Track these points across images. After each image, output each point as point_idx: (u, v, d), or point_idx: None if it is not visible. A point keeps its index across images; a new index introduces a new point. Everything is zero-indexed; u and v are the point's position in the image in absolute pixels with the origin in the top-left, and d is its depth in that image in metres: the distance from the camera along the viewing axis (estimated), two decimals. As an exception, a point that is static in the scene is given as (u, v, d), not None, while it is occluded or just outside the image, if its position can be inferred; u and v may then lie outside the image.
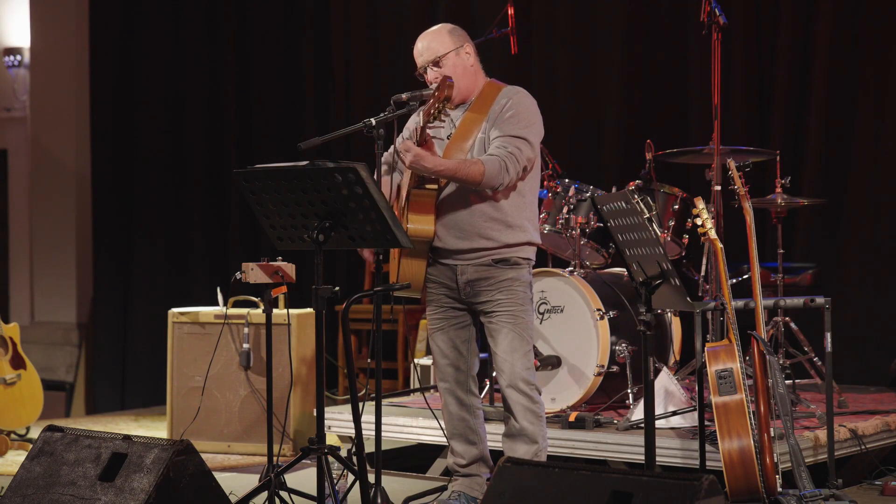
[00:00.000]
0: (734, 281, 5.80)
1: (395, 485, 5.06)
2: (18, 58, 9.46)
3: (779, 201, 5.68)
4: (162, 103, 8.97)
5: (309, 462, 4.35)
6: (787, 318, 5.69)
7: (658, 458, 4.44)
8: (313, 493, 4.05)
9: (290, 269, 4.74)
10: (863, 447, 5.06)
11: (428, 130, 4.29)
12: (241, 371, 6.06)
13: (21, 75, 9.52)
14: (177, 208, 8.92)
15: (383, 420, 4.52)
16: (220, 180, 8.76)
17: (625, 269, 5.15)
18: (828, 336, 4.87)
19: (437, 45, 4.44)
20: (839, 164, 6.74)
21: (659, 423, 4.81)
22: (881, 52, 6.66)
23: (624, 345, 5.46)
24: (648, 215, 3.89)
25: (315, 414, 4.37)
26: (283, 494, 4.25)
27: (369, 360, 6.56)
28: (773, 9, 6.88)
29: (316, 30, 8.47)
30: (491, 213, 4.38)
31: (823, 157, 6.75)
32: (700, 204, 4.62)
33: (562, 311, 5.54)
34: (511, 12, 5.78)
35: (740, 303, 4.76)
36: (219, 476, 4.22)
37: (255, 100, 8.70)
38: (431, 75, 4.45)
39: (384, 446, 4.58)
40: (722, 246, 4.66)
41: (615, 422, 5.18)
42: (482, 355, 4.66)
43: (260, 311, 6.03)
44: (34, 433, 6.10)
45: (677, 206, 5.71)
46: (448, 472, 4.82)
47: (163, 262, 8.98)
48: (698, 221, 4.62)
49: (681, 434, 4.95)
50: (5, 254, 9.69)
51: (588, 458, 4.99)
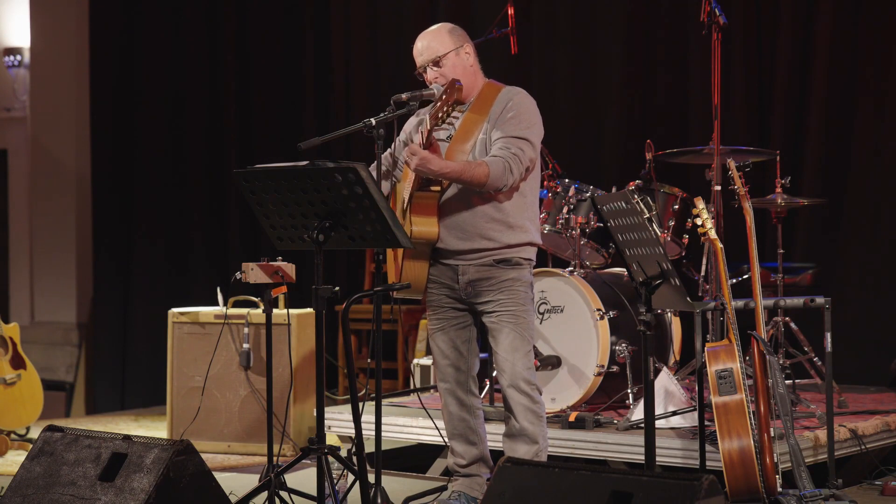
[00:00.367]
0: (734, 281, 5.79)
1: (395, 485, 5.05)
2: (18, 58, 9.45)
3: (779, 201, 5.67)
4: (162, 103, 8.97)
5: (309, 462, 4.35)
6: (787, 318, 5.68)
7: (658, 458, 4.44)
8: (313, 493, 4.05)
9: (290, 269, 4.74)
10: (863, 447, 5.06)
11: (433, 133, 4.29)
12: (241, 371, 6.06)
13: (21, 75, 9.51)
14: (177, 208, 8.92)
15: (383, 420, 4.52)
16: (220, 180, 8.76)
17: (625, 269, 5.16)
18: (828, 336, 4.86)
19: (437, 44, 4.43)
20: (839, 164, 6.73)
21: (659, 423, 4.81)
22: (881, 52, 6.65)
23: (624, 345, 5.46)
24: (648, 215, 3.87)
25: (315, 414, 4.37)
26: (283, 494, 4.25)
27: (369, 360, 6.55)
28: (773, 9, 6.88)
29: (316, 30, 8.46)
30: (493, 214, 4.37)
31: (823, 157, 6.74)
32: (700, 204, 4.61)
33: (562, 311, 5.54)
34: (511, 12, 5.79)
35: (740, 303, 4.76)
36: (219, 476, 4.22)
37: (255, 100, 8.70)
38: (431, 75, 4.44)
39: (384, 446, 4.58)
40: (722, 246, 4.65)
41: (615, 422, 5.17)
42: (482, 355, 4.66)
43: (260, 311, 6.03)
44: (34, 433, 6.09)
45: (677, 206, 5.71)
46: (448, 472, 4.82)
47: (163, 262, 8.97)
48: (698, 221, 4.62)
49: (681, 434, 4.95)
50: (5, 254, 9.69)
51: (588, 458, 4.99)
